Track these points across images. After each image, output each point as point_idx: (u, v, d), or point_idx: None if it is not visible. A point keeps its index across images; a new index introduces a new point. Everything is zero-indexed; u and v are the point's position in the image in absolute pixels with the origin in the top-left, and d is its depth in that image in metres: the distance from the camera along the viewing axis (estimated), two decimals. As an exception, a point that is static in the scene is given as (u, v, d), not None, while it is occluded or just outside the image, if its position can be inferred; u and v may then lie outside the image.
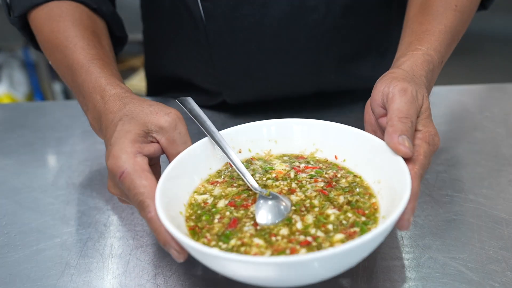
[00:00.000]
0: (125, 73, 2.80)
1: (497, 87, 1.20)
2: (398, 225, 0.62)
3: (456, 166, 0.92)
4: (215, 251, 0.57)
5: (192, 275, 0.71)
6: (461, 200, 0.84)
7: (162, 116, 0.68)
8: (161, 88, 1.19)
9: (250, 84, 1.01)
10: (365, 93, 0.83)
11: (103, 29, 0.91)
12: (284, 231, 0.64)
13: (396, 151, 0.66)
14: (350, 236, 0.63)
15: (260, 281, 0.59)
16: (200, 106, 0.79)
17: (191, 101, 0.78)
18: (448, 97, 1.16)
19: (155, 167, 0.72)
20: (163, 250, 0.74)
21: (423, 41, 0.79)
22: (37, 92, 2.72)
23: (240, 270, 0.57)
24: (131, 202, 0.66)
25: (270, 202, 0.68)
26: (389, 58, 0.85)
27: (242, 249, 0.62)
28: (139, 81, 2.75)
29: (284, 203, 0.68)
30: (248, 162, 0.77)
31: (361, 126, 0.76)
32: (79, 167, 0.96)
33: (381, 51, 1.05)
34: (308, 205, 0.68)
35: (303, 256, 0.54)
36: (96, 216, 0.83)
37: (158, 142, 0.69)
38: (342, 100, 1.09)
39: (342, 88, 1.07)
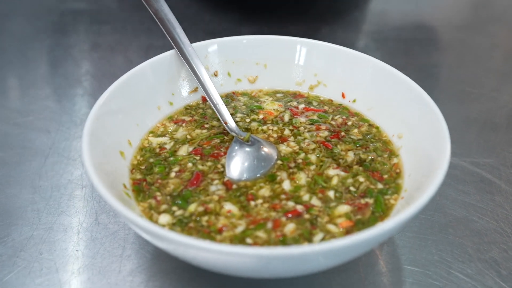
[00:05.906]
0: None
1: None
2: None
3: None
4: (145, 223, 0.37)
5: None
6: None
7: None
8: None
9: None
10: None
11: None
12: (265, 191, 0.46)
13: None
14: (359, 210, 0.44)
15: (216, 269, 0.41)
16: None
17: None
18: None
19: None
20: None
21: None
22: None
23: (189, 255, 0.38)
24: None
25: (247, 149, 0.49)
26: None
27: (205, 218, 0.43)
28: None
29: (266, 151, 0.49)
30: (229, 98, 0.57)
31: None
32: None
33: None
34: (300, 160, 0.49)
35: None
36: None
37: None
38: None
39: None
